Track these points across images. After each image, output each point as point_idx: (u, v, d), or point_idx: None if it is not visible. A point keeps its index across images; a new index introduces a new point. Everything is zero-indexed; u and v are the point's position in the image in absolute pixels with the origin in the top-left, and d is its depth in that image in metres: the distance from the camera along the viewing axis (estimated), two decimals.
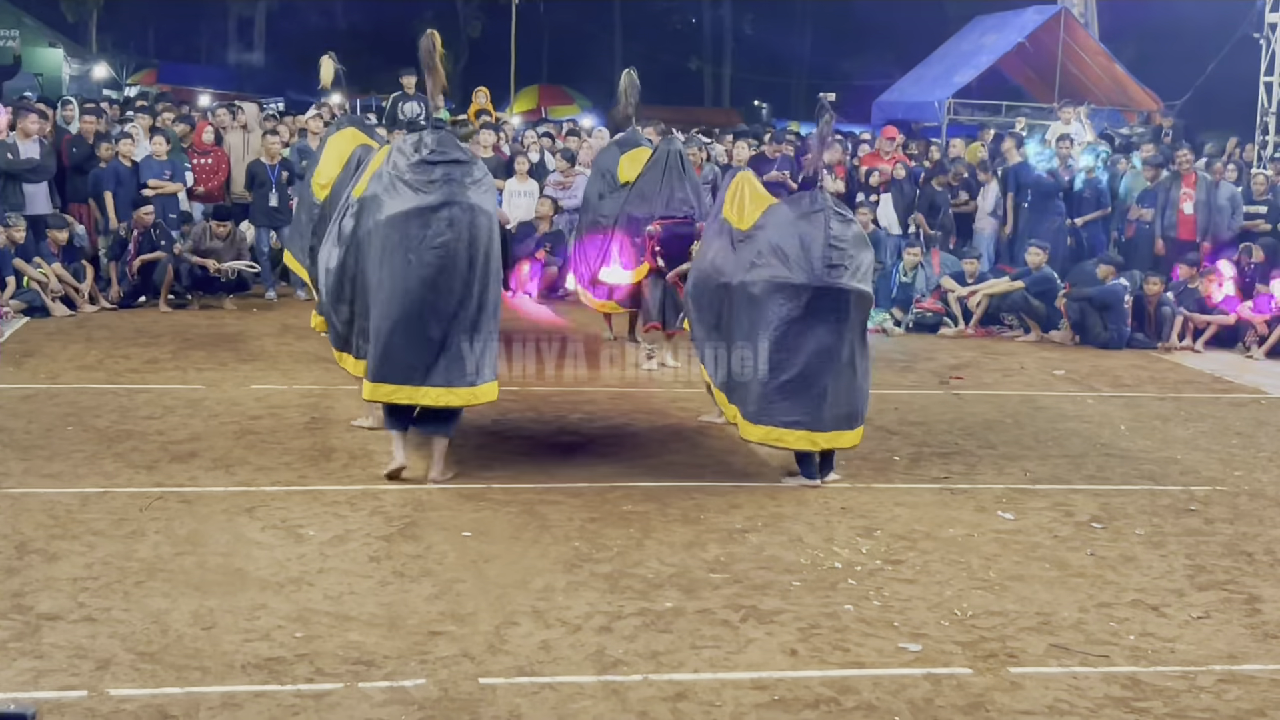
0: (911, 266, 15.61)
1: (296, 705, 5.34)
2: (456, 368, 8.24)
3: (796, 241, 8.55)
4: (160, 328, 13.50)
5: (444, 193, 8.14)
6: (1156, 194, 16.74)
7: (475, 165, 8.47)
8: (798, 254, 8.51)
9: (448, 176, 8.19)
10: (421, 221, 8.09)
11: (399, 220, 8.11)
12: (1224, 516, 8.43)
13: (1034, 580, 7.11)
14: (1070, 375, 12.99)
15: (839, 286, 8.48)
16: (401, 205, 8.13)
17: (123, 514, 7.61)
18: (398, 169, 8.25)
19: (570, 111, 35.03)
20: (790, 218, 8.76)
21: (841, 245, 8.51)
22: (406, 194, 8.15)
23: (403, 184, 8.18)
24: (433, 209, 8.10)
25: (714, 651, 6.02)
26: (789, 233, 8.64)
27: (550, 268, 16.19)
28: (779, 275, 8.55)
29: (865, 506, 8.32)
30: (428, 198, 8.12)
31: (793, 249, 8.54)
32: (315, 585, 6.64)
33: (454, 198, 8.14)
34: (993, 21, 28.53)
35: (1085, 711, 5.56)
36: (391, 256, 8.11)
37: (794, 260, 8.51)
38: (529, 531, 7.58)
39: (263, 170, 15.91)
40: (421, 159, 8.22)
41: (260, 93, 31.84)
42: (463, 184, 8.21)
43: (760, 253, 8.71)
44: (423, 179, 8.16)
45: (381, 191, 8.25)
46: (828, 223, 8.55)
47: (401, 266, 8.09)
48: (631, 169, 12.46)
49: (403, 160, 8.27)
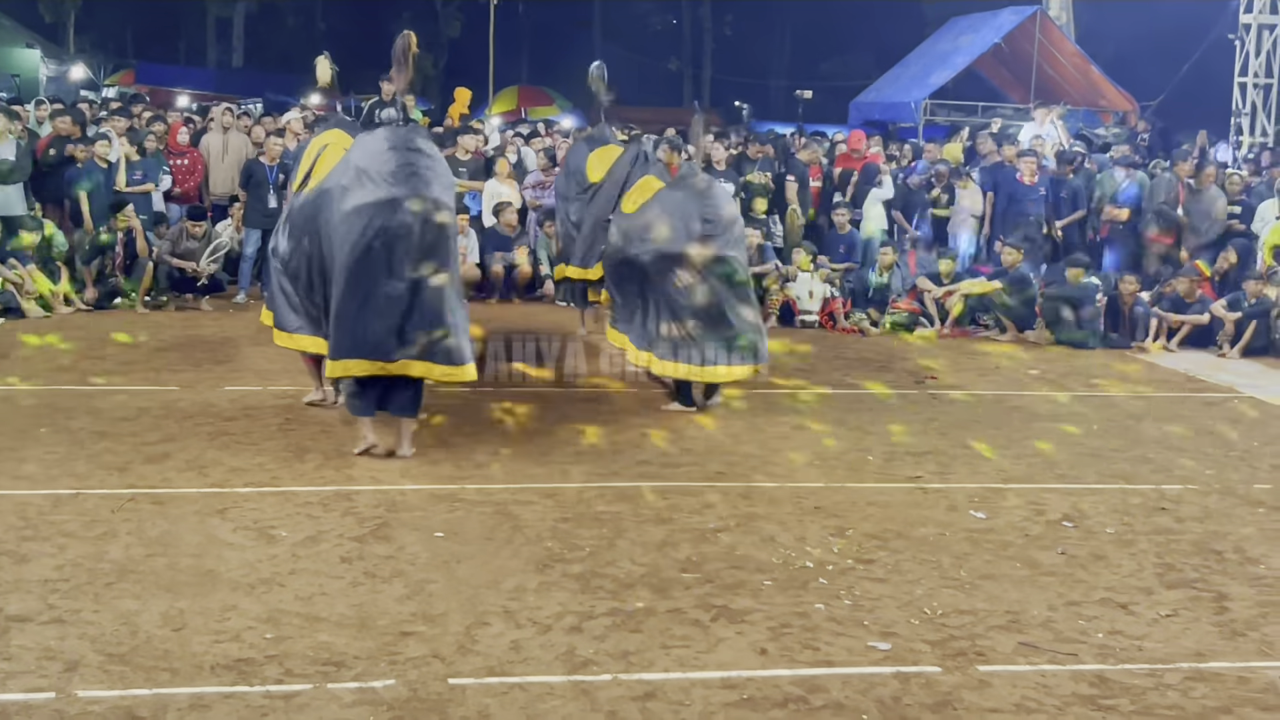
0: (887, 267, 15.65)
1: (266, 706, 5.33)
2: (430, 345, 8.57)
3: (674, 216, 10.40)
4: (136, 329, 13.45)
5: (407, 186, 8.47)
6: (1143, 192, 16.83)
7: (438, 160, 8.83)
8: (679, 227, 10.33)
9: (411, 169, 8.51)
10: (383, 212, 8.40)
11: (364, 210, 8.43)
12: (1195, 515, 8.47)
13: (1004, 579, 7.14)
14: (1044, 375, 13.04)
15: (716, 254, 10.29)
16: (365, 197, 8.45)
17: (94, 515, 7.60)
18: (362, 160, 8.56)
19: (550, 112, 34.98)
20: (675, 198, 10.58)
21: (713, 219, 10.37)
22: (369, 186, 8.46)
23: (366, 176, 8.49)
24: (395, 200, 8.42)
25: (684, 651, 6.03)
26: (672, 210, 10.45)
27: (524, 267, 16.23)
28: (664, 248, 10.34)
29: (838, 506, 8.34)
30: (391, 190, 8.43)
31: (675, 224, 10.36)
32: (286, 586, 6.63)
33: (416, 191, 8.46)
34: (969, 23, 28.57)
35: (1053, 709, 5.59)
36: (354, 245, 8.44)
37: (676, 232, 10.33)
38: (501, 532, 7.58)
39: (261, 170, 15.80)
40: (386, 148, 8.54)
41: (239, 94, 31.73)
42: (425, 178, 8.55)
43: (648, 228, 10.49)
44: (385, 170, 8.48)
45: (347, 182, 8.55)
46: (703, 201, 10.46)
47: (364, 254, 8.42)
48: (600, 167, 12.49)
49: (367, 151, 8.57)
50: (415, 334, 8.53)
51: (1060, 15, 27.63)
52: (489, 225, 16.50)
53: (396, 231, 8.41)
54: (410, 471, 8.69)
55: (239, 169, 16.42)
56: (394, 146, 8.63)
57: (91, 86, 33.79)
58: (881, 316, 15.43)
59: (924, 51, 29.31)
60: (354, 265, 8.48)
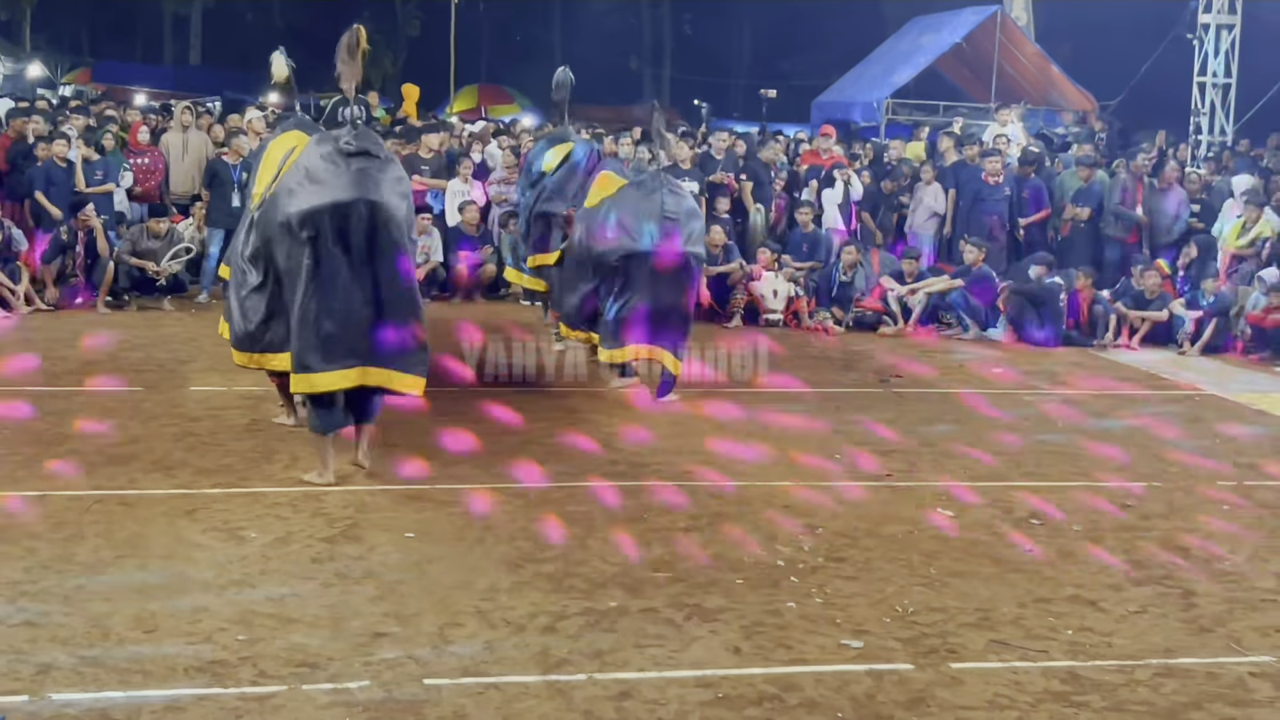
0: (851, 265, 15.70)
1: (240, 708, 5.31)
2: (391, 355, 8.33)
3: (636, 215, 10.68)
4: (98, 329, 13.37)
5: (357, 188, 8.16)
6: (1100, 192, 16.95)
7: (391, 162, 8.54)
8: (636, 225, 10.62)
9: (362, 172, 8.20)
10: (334, 215, 8.11)
11: (313, 215, 8.11)
12: (1160, 512, 8.54)
13: (974, 576, 7.18)
14: (1008, 373, 13.11)
15: (677, 252, 10.63)
16: (314, 199, 8.14)
17: (61, 517, 7.55)
18: (312, 162, 8.27)
19: (511, 110, 34.88)
20: (634, 197, 10.86)
21: (674, 216, 10.64)
22: (319, 188, 8.17)
23: (315, 178, 8.20)
24: (346, 204, 8.12)
25: (658, 650, 6.04)
26: (631, 209, 10.75)
27: (488, 265, 16.21)
28: (626, 245, 10.66)
29: (808, 504, 8.36)
30: (340, 193, 8.13)
31: (632, 221, 10.65)
32: (257, 587, 6.61)
33: (366, 194, 8.15)
34: (930, 22, 28.71)
35: (1025, 706, 5.63)
36: (307, 251, 8.12)
37: (633, 230, 10.62)
38: (472, 532, 7.58)
39: (225, 168, 15.68)
40: (335, 149, 8.24)
41: (197, 92, 31.51)
42: (376, 180, 8.24)
43: (609, 225, 10.76)
44: (336, 173, 8.18)
45: (295, 185, 8.25)
46: (663, 198, 10.69)
47: (316, 261, 8.11)
48: (556, 158, 12.38)
49: (318, 154, 8.30)
50: (374, 342, 8.28)
51: (1020, 15, 27.78)
52: (453, 224, 16.47)
53: (349, 236, 8.13)
54: (379, 472, 8.65)
55: (199, 168, 16.34)
56: (343, 148, 8.30)
57: (48, 85, 33.51)
58: (846, 315, 15.48)
59: (885, 51, 29.44)
60: (308, 273, 8.14)
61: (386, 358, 8.34)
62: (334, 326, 8.18)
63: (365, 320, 8.24)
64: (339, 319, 8.18)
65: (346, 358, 8.24)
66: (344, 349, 8.23)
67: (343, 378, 8.29)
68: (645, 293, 10.70)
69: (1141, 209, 16.81)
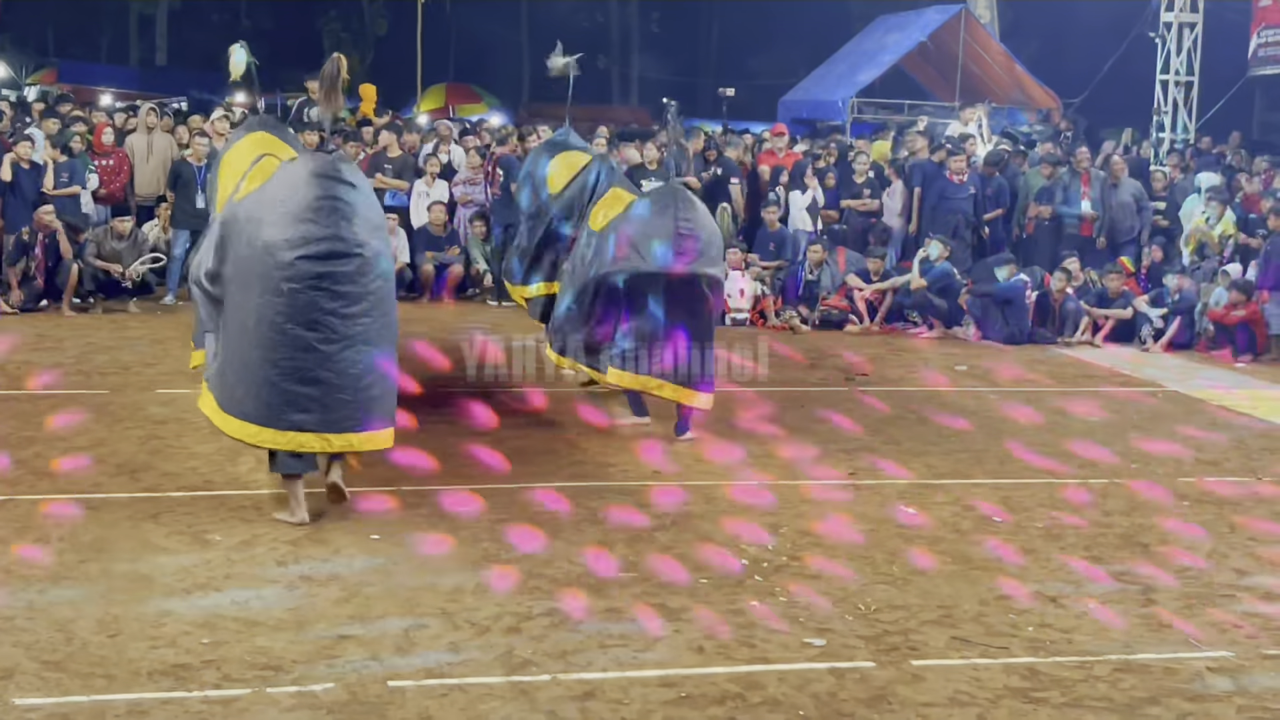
0: (817, 264, 15.76)
1: (204, 712, 5.32)
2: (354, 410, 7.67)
3: (646, 233, 9.65)
4: (63, 332, 13.33)
5: (327, 223, 7.47)
6: (1054, 191, 17.08)
7: (363, 193, 7.81)
8: (647, 246, 9.60)
9: (334, 206, 7.50)
10: (304, 253, 7.40)
11: (276, 248, 7.43)
12: (1121, 509, 8.61)
13: (935, 574, 7.24)
14: (972, 371, 13.20)
15: (692, 272, 9.61)
16: (281, 233, 7.44)
17: (25, 521, 7.54)
18: (282, 191, 7.59)
19: (478, 110, 34.81)
20: (645, 215, 9.82)
21: (689, 232, 9.59)
22: (289, 220, 7.46)
23: (285, 209, 7.48)
24: (316, 239, 7.42)
25: (622, 650, 6.07)
26: (643, 228, 9.71)
27: (455, 266, 16.22)
28: (639, 266, 9.62)
29: (771, 504, 8.40)
30: (308, 229, 7.43)
31: (644, 242, 9.62)
32: (222, 591, 6.62)
33: (336, 229, 7.48)
34: (895, 21, 28.81)
35: (985, 702, 5.68)
36: (266, 288, 7.45)
37: (645, 252, 9.61)
38: (437, 533, 7.59)
39: (189, 170, 15.63)
40: (309, 174, 7.55)
41: (162, 92, 31.37)
42: (349, 219, 7.54)
43: (618, 245, 9.75)
44: (307, 206, 7.47)
45: (260, 212, 7.58)
46: (677, 216, 9.60)
47: (274, 300, 7.43)
48: (563, 175, 11.23)
49: (287, 183, 7.62)
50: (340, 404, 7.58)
51: (985, 14, 27.89)
52: (419, 225, 16.47)
53: (316, 278, 7.41)
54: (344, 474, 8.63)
55: (164, 169, 16.29)
56: (315, 175, 7.53)
57: (13, 85, 33.31)
58: (811, 314, 15.54)
59: (851, 49, 29.50)
60: (266, 315, 7.43)
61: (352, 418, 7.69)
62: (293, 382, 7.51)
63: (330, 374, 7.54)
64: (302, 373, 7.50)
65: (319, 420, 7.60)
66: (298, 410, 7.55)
67: (298, 441, 7.64)
68: (658, 317, 9.64)
69: (1093, 205, 16.90)
